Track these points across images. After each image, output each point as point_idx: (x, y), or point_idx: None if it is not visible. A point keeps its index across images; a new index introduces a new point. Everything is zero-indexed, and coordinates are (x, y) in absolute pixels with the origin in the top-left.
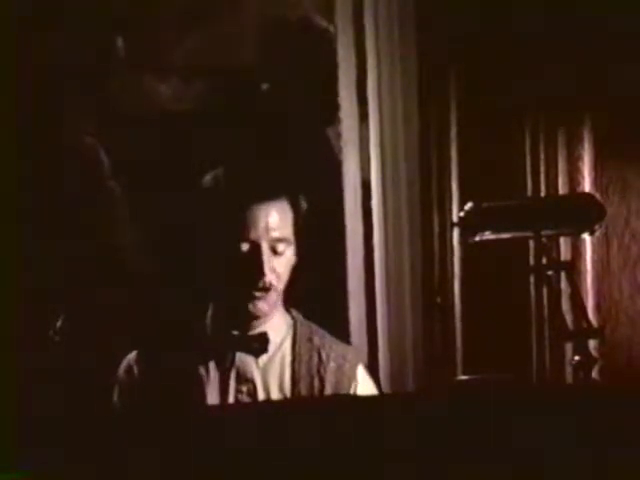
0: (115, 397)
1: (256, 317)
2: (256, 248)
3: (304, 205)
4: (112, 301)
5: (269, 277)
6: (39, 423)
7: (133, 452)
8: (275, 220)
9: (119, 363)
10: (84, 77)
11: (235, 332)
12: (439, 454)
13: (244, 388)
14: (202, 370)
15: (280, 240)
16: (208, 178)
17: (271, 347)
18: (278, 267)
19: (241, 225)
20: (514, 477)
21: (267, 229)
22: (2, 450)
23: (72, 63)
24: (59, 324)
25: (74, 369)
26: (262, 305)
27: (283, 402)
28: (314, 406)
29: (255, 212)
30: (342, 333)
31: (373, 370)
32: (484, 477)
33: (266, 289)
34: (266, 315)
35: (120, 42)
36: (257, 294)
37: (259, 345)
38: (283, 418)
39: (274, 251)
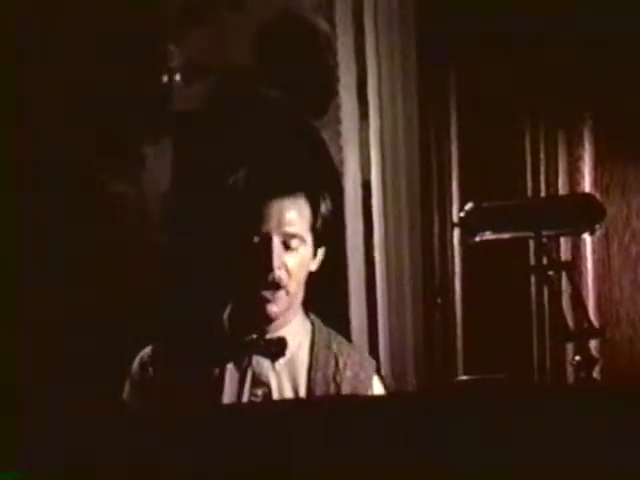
0: (125, 393)
1: (269, 319)
2: (267, 241)
3: (325, 208)
4: (126, 298)
5: (278, 272)
6: (41, 421)
7: (138, 451)
8: (289, 215)
9: (132, 359)
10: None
11: (253, 335)
12: (439, 454)
13: (259, 392)
14: (217, 371)
15: (293, 236)
16: (230, 179)
17: (288, 351)
18: (289, 263)
19: (255, 219)
20: (514, 477)
21: (280, 223)
22: (2, 450)
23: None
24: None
25: (82, 365)
26: (271, 307)
27: (283, 402)
28: (314, 406)
29: (269, 206)
30: (342, 333)
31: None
32: (484, 477)
33: (275, 285)
34: (277, 318)
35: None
36: (267, 293)
37: (277, 349)
38: (283, 418)
39: (286, 246)
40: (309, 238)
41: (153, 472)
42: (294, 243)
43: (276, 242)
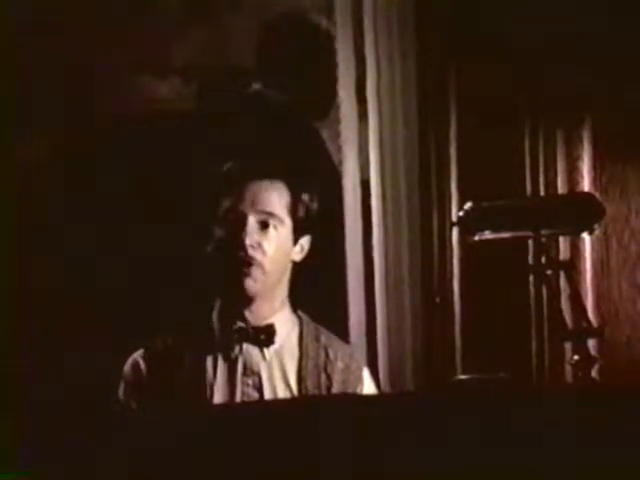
0: (120, 394)
1: (247, 297)
2: (241, 219)
3: (308, 198)
4: (116, 294)
5: (252, 251)
6: (40, 422)
7: (134, 451)
8: (266, 194)
9: (124, 361)
10: None
11: (241, 324)
12: (439, 454)
13: (250, 381)
14: (209, 361)
15: (270, 214)
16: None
17: (278, 341)
18: (265, 243)
19: (233, 199)
20: (514, 477)
21: (255, 202)
22: (2, 450)
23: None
24: None
25: (77, 368)
26: (248, 282)
27: (282, 401)
28: (313, 405)
29: (247, 187)
30: (341, 332)
31: (373, 370)
32: (484, 477)
33: (249, 262)
34: (253, 294)
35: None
36: (242, 269)
37: (266, 337)
38: (283, 417)
39: (263, 226)
40: (288, 221)
41: (152, 471)
42: (271, 222)
43: (251, 221)
